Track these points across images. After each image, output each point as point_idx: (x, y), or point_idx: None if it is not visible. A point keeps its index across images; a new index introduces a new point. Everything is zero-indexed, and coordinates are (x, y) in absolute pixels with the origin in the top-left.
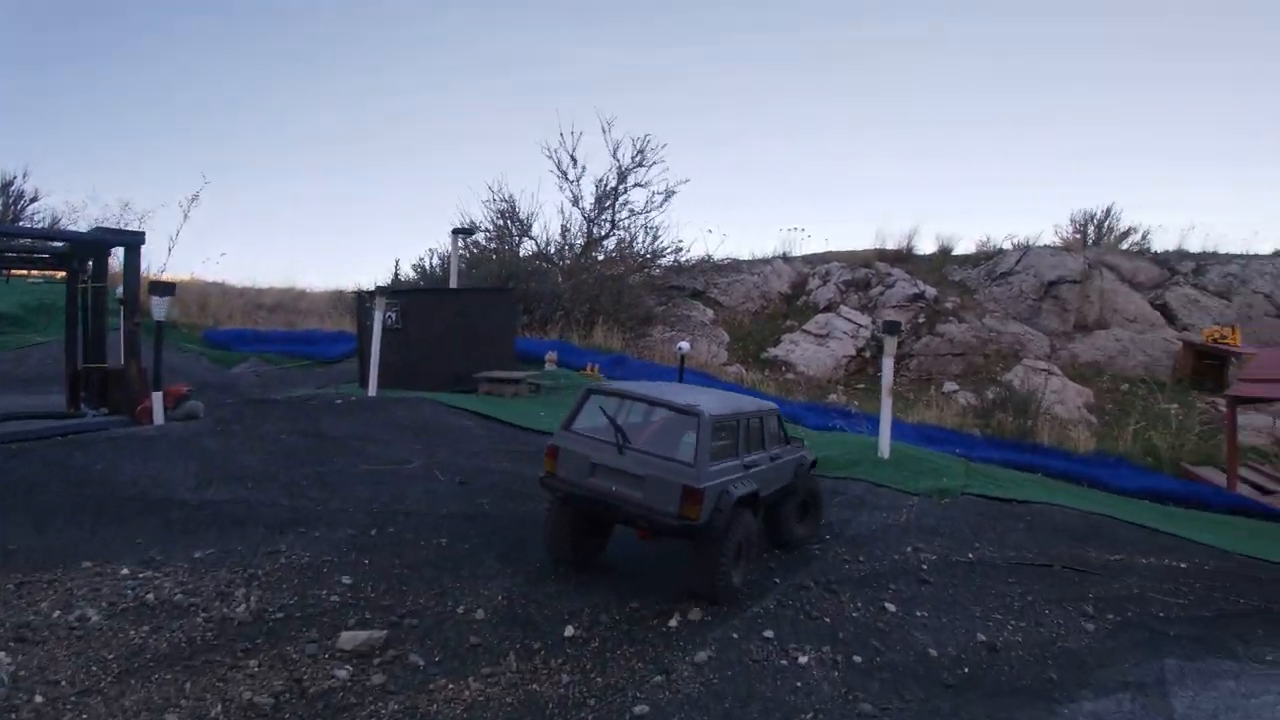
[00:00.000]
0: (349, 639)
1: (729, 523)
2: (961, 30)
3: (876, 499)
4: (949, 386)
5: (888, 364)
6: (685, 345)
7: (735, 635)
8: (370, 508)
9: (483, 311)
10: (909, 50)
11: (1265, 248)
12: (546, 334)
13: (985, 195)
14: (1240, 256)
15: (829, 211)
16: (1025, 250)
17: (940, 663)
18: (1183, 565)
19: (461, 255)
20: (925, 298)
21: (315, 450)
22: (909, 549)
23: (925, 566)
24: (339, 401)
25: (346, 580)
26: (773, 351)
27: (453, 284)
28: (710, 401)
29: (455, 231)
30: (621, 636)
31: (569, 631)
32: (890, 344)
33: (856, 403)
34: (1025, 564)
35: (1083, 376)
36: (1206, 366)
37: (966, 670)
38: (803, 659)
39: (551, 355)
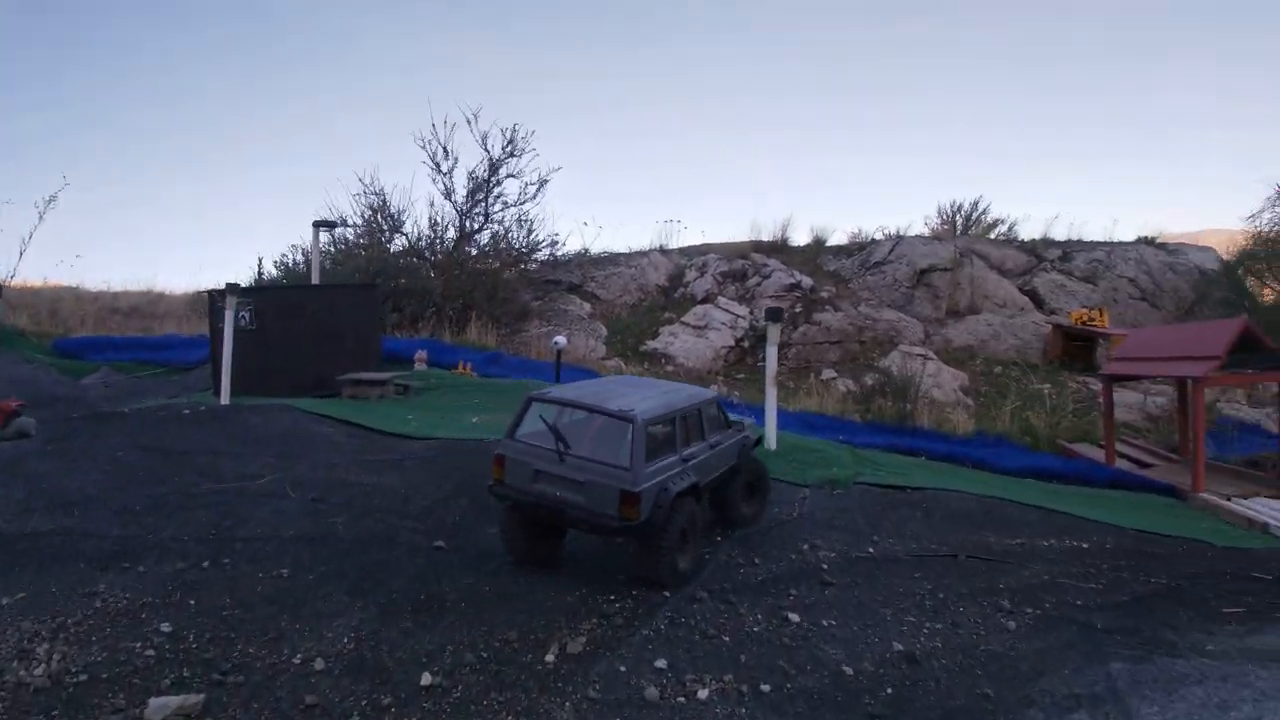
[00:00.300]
0: (158, 708)
1: (669, 516)
2: (833, 31)
3: (775, 492)
4: (828, 374)
5: (771, 352)
6: (561, 340)
7: (623, 669)
8: (208, 534)
9: (346, 310)
10: (782, 48)
11: (1128, 235)
12: (418, 332)
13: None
14: (1104, 244)
15: (705, 204)
16: (898, 240)
17: (859, 683)
18: (1084, 545)
19: (328, 252)
20: (802, 287)
21: (156, 469)
22: (806, 546)
23: (825, 566)
24: (187, 412)
25: (166, 628)
26: (651, 344)
27: (314, 280)
28: (646, 403)
29: (317, 224)
30: (489, 681)
31: (426, 679)
32: (774, 331)
33: (738, 393)
34: (929, 555)
35: (957, 360)
36: (1075, 348)
37: (890, 691)
38: (703, 693)
39: (421, 354)
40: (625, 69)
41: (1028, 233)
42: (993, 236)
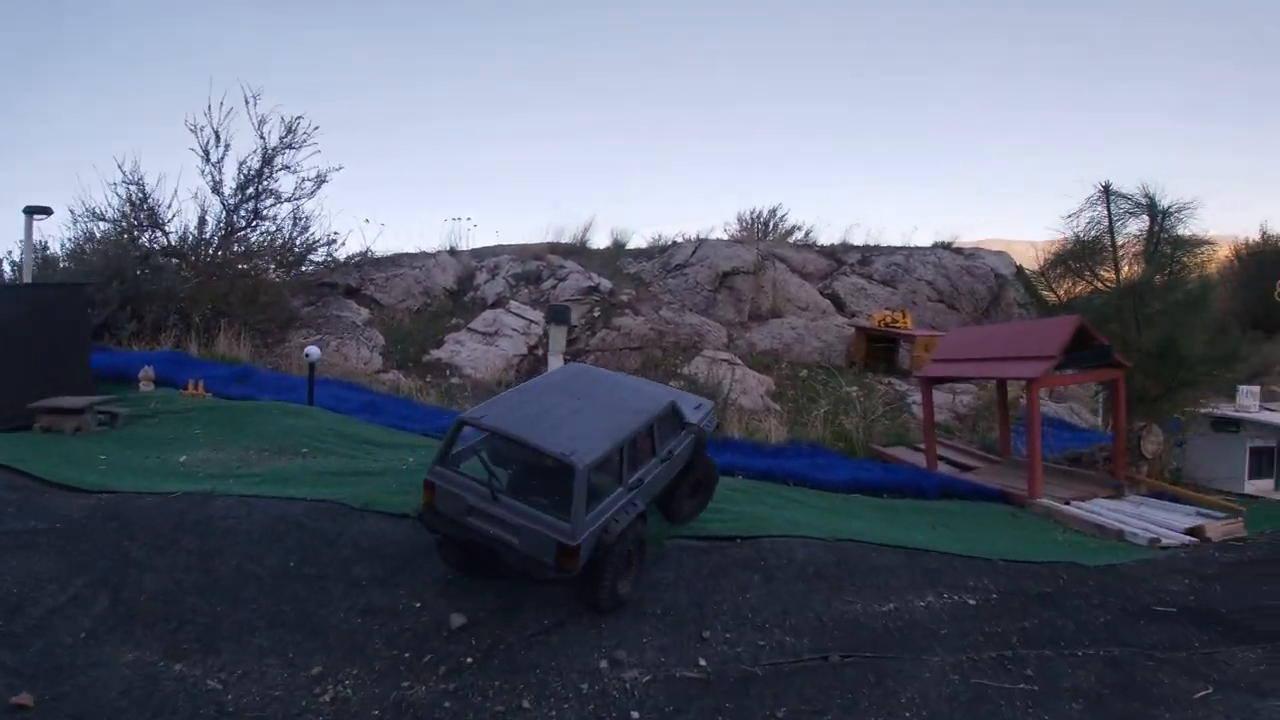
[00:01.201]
0: None
1: (609, 553)
2: (636, 37)
3: None
4: None
5: (555, 363)
6: (314, 351)
7: None
8: None
9: (43, 317)
10: (583, 48)
11: (925, 240)
12: (159, 344)
13: (658, 195)
14: (903, 248)
15: (500, 204)
16: (700, 242)
17: None
18: (969, 602)
19: (65, 247)
20: (600, 290)
21: None
22: (604, 663)
23: (636, 715)
24: None
25: None
26: (435, 354)
27: (27, 278)
28: (592, 438)
29: (28, 210)
30: None
31: None
32: (559, 336)
33: None
34: (788, 664)
35: (762, 365)
36: (878, 349)
37: None
38: None
39: (147, 372)
40: (421, 62)
41: (827, 238)
42: (792, 241)
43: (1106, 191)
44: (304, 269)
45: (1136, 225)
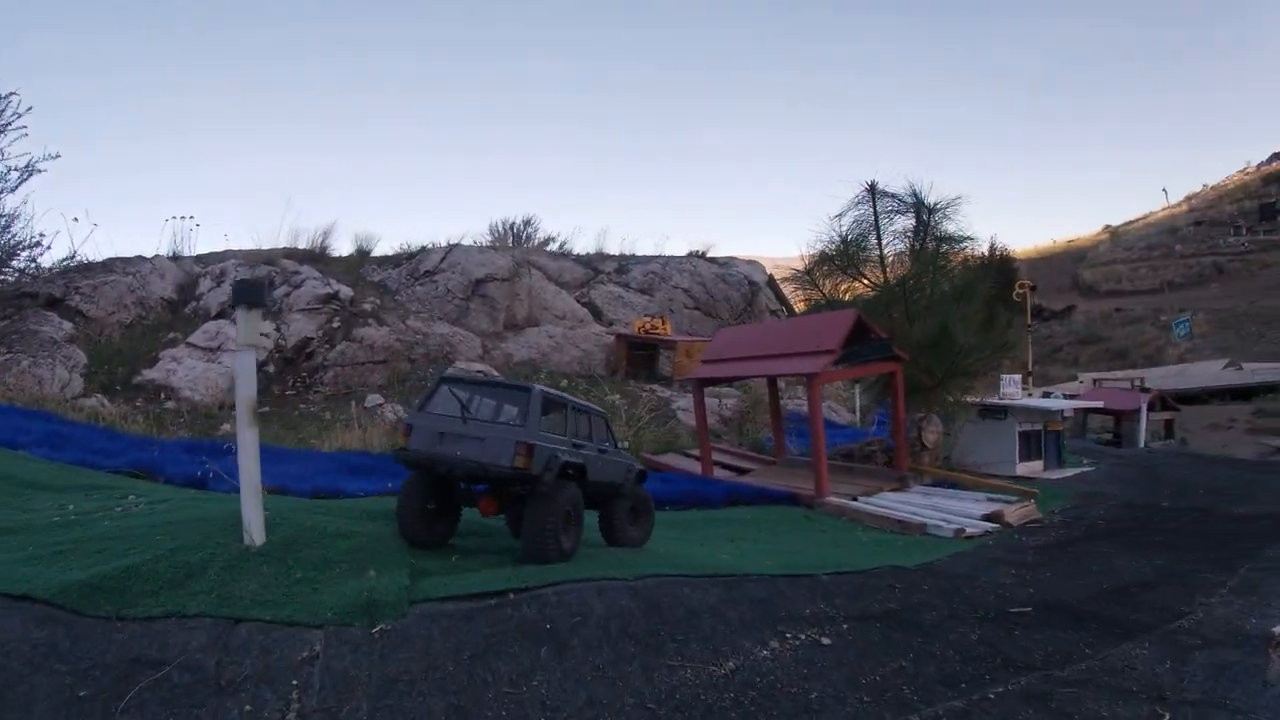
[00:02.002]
0: None
1: (556, 480)
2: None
3: (234, 661)
4: (373, 400)
5: (247, 363)
6: None
7: None
8: None
9: None
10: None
11: (680, 250)
12: None
13: (409, 203)
14: (659, 257)
15: (234, 204)
16: (451, 248)
17: None
18: (824, 642)
19: None
20: (340, 298)
21: None
22: None
23: None
24: None
25: None
26: (148, 374)
27: None
28: (544, 388)
29: None
30: None
31: None
32: (249, 323)
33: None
34: None
35: (520, 375)
36: (639, 357)
37: None
38: None
39: None
40: (148, 53)
41: (582, 247)
42: (549, 249)
43: (872, 190)
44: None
45: (903, 222)
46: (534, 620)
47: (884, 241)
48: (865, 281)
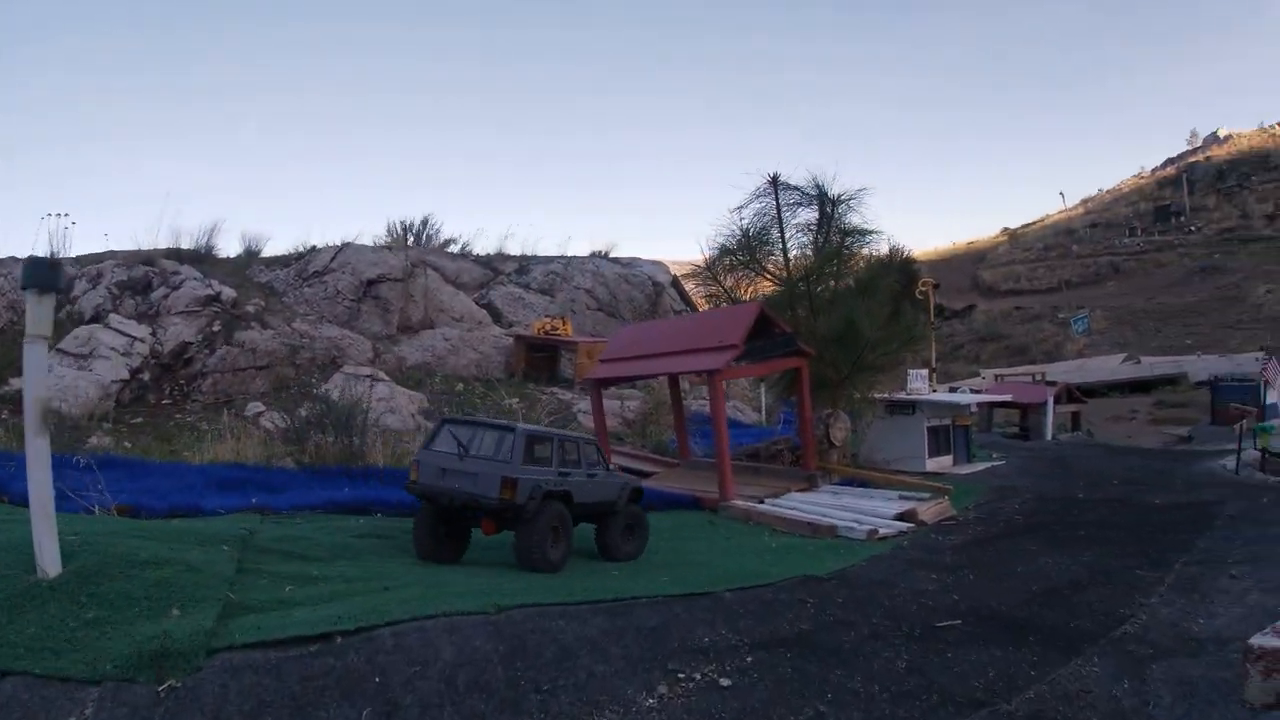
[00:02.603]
0: None
1: (540, 506)
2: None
3: None
4: (255, 407)
5: (36, 357)
6: None
7: None
8: None
9: None
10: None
11: (582, 250)
12: None
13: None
14: (560, 258)
15: (113, 204)
16: (342, 247)
17: None
18: (724, 684)
19: None
20: (222, 300)
21: None
22: None
23: None
24: None
25: None
26: (16, 383)
27: None
28: (529, 425)
29: None
30: None
31: None
32: (40, 312)
33: (129, 444)
34: None
35: (414, 380)
36: (540, 359)
37: None
38: None
39: None
40: (26, 46)
41: (483, 248)
42: (450, 249)
43: (775, 182)
44: None
45: (807, 215)
46: (359, 672)
47: (787, 235)
48: (768, 276)
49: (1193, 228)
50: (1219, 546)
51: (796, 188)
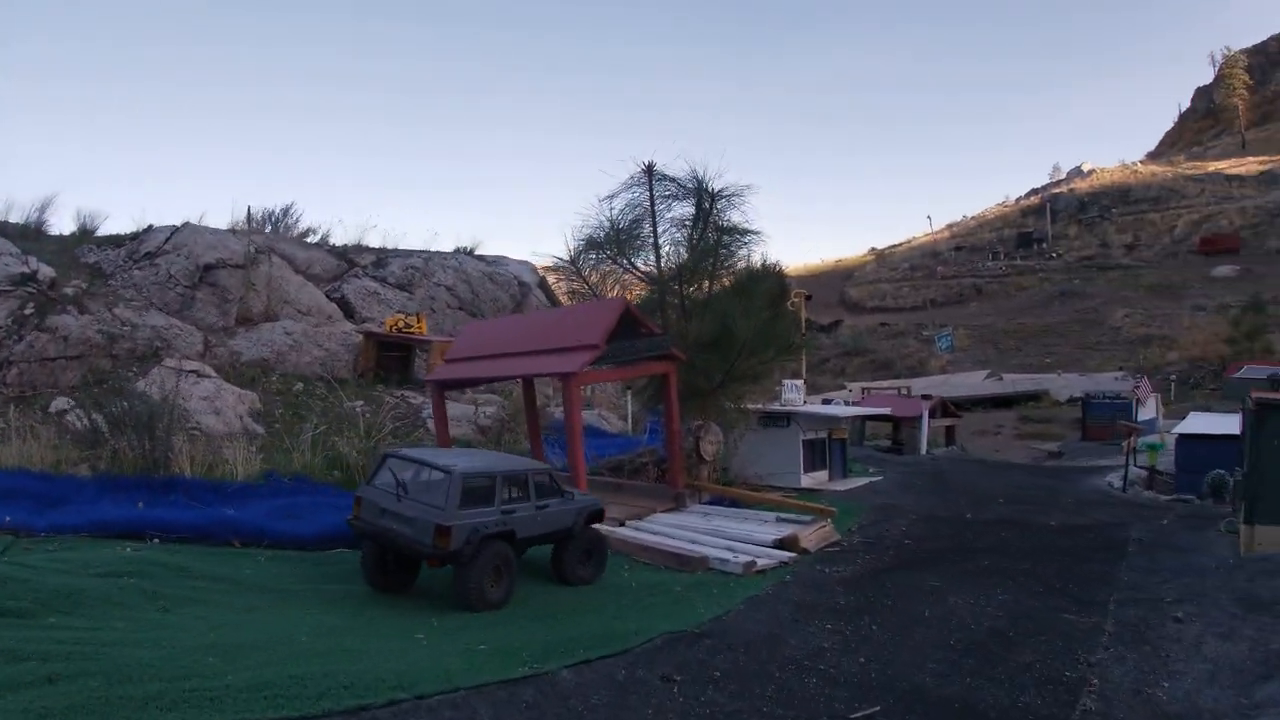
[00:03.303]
0: None
1: (478, 551)
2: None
3: None
4: (60, 404)
5: None
6: None
7: None
8: None
9: None
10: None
11: (447, 246)
12: None
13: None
14: (422, 252)
15: None
16: (180, 227)
17: None
18: None
19: None
20: (39, 280)
21: None
22: None
23: None
24: None
25: None
26: None
27: None
28: (469, 462)
29: None
30: None
31: None
32: None
33: None
34: None
35: (248, 378)
36: (391, 359)
37: None
38: None
39: None
40: None
41: (343, 239)
42: (307, 240)
43: (649, 171)
44: None
45: (683, 209)
46: None
47: (660, 230)
48: (638, 274)
49: (1054, 254)
50: (1145, 581)
51: (673, 179)
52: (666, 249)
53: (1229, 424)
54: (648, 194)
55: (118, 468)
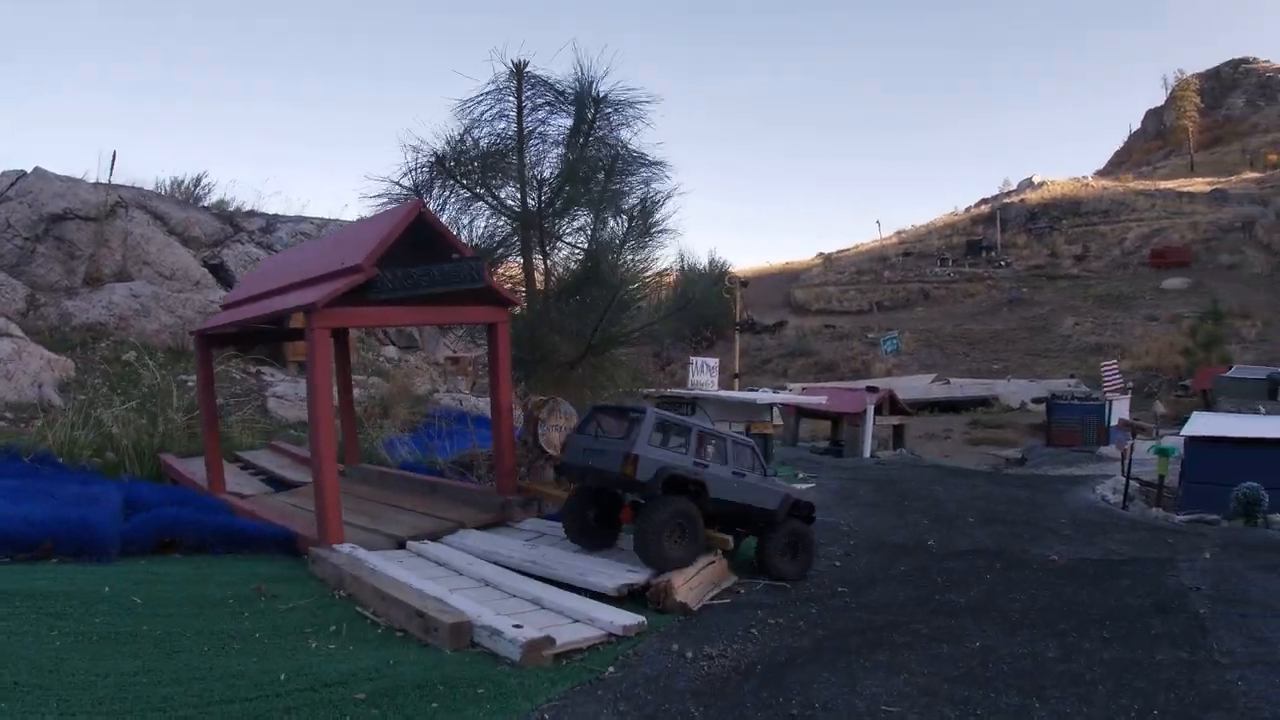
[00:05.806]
0: None
1: (663, 491)
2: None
3: None
4: None
5: None
6: None
7: None
8: None
9: None
10: None
11: (352, 215)
12: None
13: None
14: (315, 218)
15: None
16: (27, 173)
17: None
18: None
19: None
20: None
21: None
22: None
23: None
24: None
25: None
26: None
27: None
28: (665, 411)
29: None
30: None
31: None
32: None
33: None
34: None
35: (73, 345)
36: (256, 331)
37: None
38: None
39: None
40: None
41: (240, 203)
42: (194, 201)
43: (519, 72)
44: None
45: (561, 123)
46: None
47: (540, 152)
48: (499, 206)
49: (1003, 262)
50: (1272, 688)
51: (550, 84)
52: (547, 172)
53: (1246, 426)
54: (515, 103)
55: None
